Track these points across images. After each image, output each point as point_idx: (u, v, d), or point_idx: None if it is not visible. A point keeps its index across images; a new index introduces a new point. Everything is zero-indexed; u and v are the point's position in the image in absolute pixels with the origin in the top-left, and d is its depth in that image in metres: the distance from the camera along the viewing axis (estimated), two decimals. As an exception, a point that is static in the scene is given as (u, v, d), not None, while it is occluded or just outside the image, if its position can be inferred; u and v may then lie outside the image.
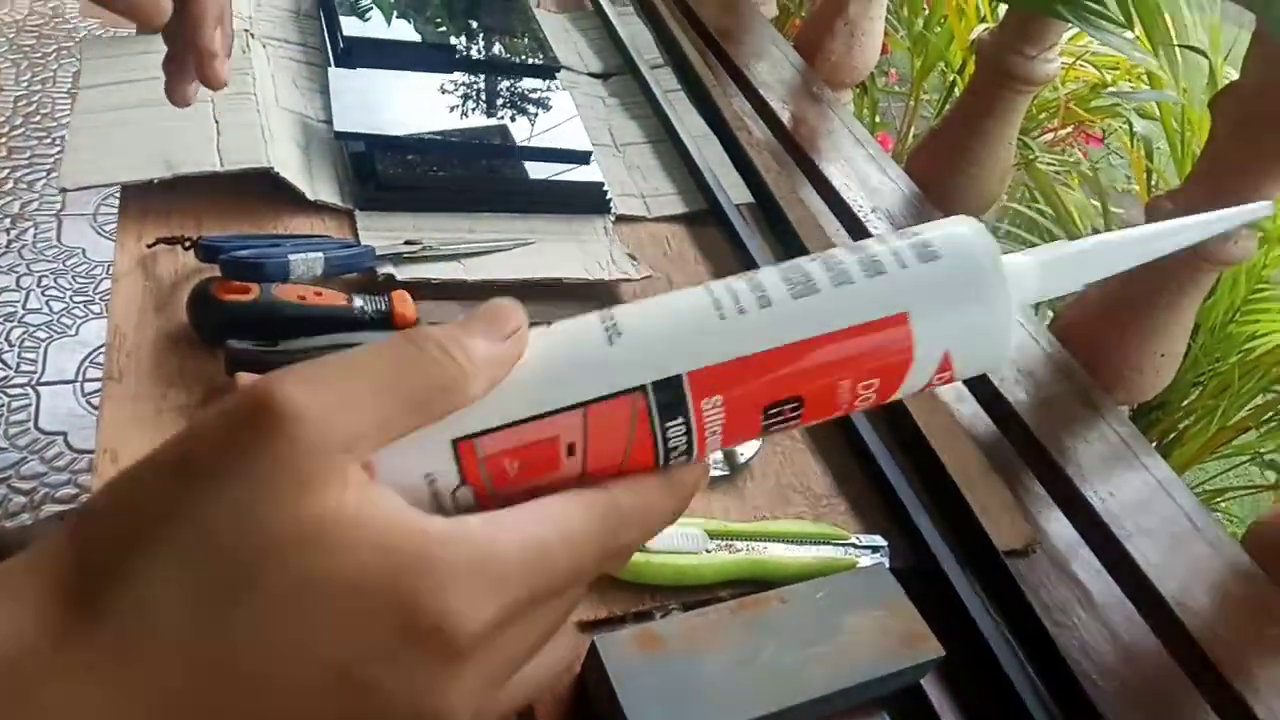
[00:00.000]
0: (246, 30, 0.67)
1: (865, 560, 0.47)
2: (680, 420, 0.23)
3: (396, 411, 0.21)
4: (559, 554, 0.22)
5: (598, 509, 0.23)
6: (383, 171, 0.59)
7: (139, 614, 0.20)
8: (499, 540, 0.21)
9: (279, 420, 0.20)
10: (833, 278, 0.23)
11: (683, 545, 0.45)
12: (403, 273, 0.54)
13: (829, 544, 0.47)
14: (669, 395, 0.22)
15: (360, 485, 0.21)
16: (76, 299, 1.36)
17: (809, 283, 0.23)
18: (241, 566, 0.20)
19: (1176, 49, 0.87)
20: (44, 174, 1.45)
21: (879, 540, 0.48)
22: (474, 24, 0.78)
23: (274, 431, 0.20)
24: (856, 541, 0.48)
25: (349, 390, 0.21)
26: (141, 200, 0.54)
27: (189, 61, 0.47)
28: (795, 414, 0.24)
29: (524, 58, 0.75)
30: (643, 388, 0.22)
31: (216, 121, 0.57)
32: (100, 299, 1.34)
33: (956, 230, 0.24)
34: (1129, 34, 0.81)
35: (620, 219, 0.66)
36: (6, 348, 1.28)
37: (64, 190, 0.50)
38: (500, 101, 0.70)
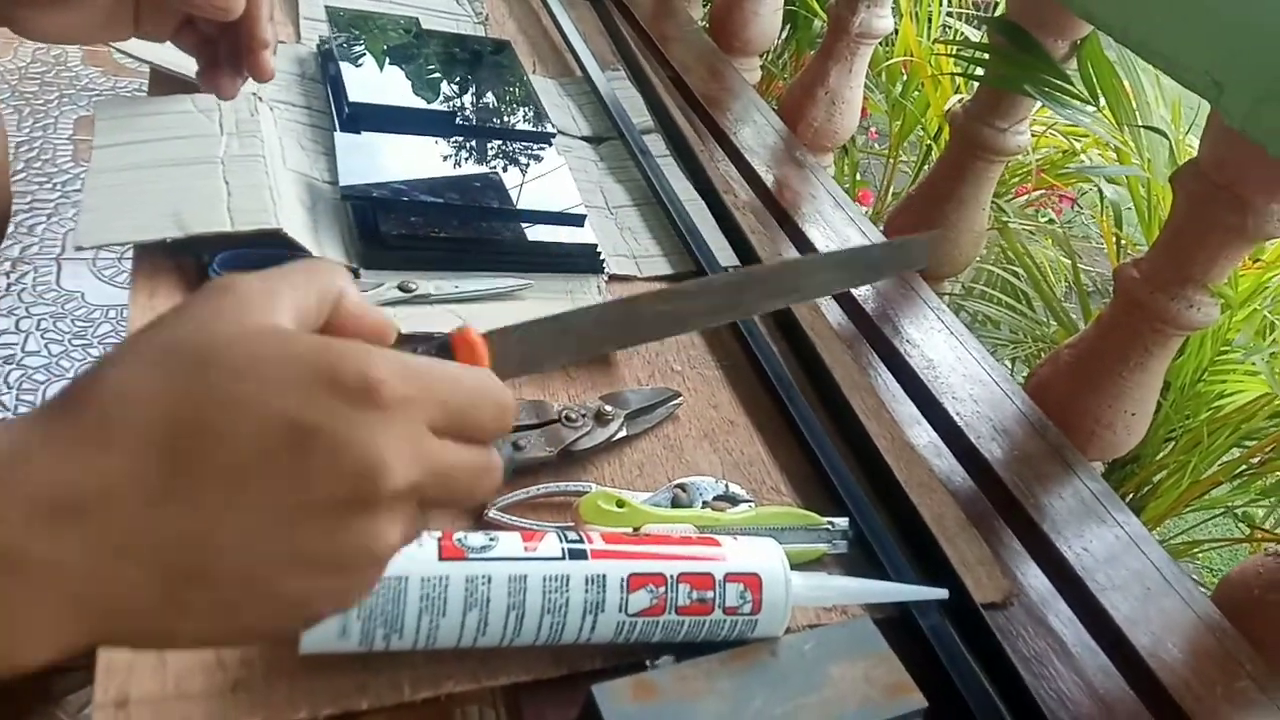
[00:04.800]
0: (254, 94, 0.69)
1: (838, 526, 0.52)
2: None
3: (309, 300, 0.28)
4: (454, 376, 0.28)
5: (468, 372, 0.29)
6: (386, 232, 0.61)
7: (117, 395, 0.24)
8: (414, 358, 0.28)
9: (229, 281, 0.27)
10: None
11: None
12: (406, 325, 0.56)
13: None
14: None
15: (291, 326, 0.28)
16: (75, 342, 1.38)
17: None
18: (202, 349, 0.25)
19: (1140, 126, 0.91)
20: (44, 219, 1.46)
21: (844, 522, 0.52)
22: (472, 87, 0.81)
23: (225, 287, 0.27)
24: (830, 527, 0.51)
25: (279, 277, 0.28)
26: (153, 258, 0.55)
27: (232, 60, 0.54)
28: None
29: (521, 123, 0.78)
30: None
31: (227, 183, 0.60)
32: (99, 342, 1.36)
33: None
34: (1089, 108, 0.85)
35: (613, 278, 0.69)
36: (5, 390, 1.29)
37: (80, 248, 0.52)
38: (498, 164, 0.72)
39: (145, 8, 0.51)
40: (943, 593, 0.49)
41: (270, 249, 0.56)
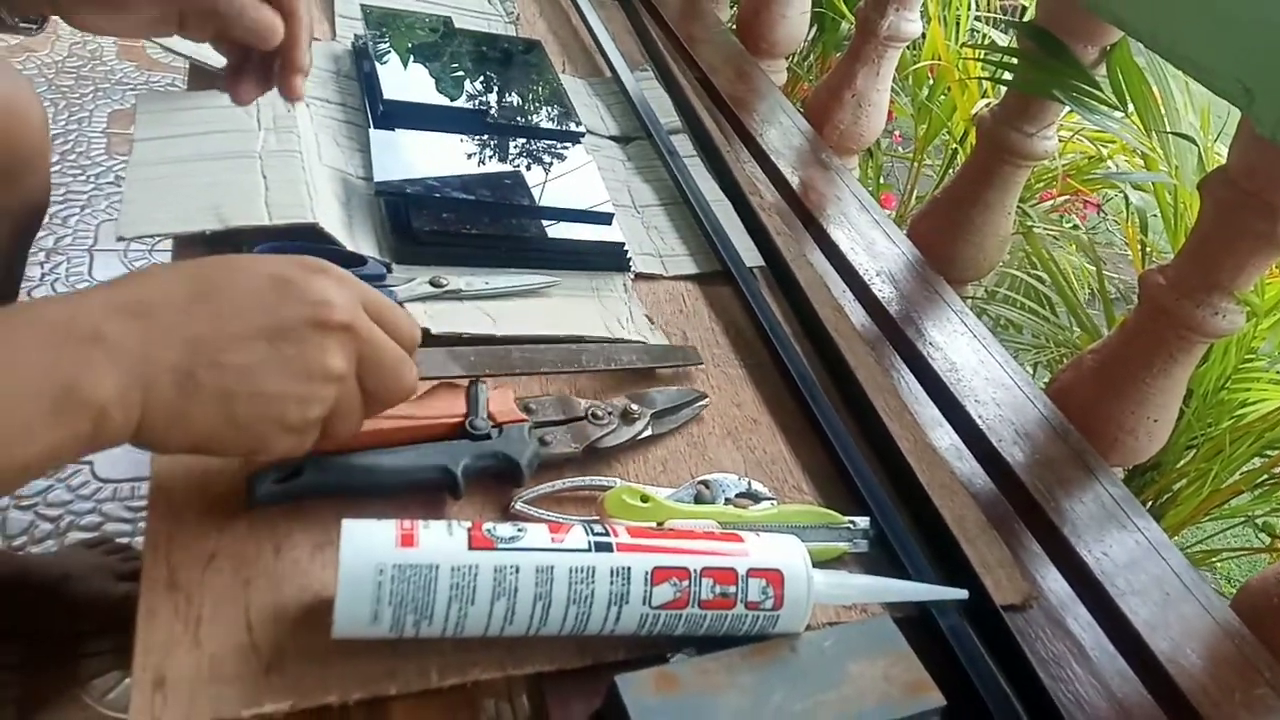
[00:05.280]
0: (291, 90, 0.70)
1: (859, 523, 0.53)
2: None
3: None
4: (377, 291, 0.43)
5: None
6: (418, 228, 0.62)
7: (161, 266, 0.40)
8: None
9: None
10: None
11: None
12: (436, 321, 0.57)
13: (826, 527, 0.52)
14: None
15: None
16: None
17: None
18: (216, 258, 0.41)
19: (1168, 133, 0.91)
20: (78, 209, 1.49)
21: (865, 522, 0.53)
22: (503, 86, 0.82)
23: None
24: (851, 526, 0.52)
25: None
26: (192, 250, 0.57)
27: (260, 73, 0.59)
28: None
29: (550, 122, 0.79)
30: None
31: (264, 177, 0.61)
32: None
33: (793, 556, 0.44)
34: (1118, 114, 0.85)
35: (639, 276, 0.69)
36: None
37: (121, 239, 0.54)
38: (527, 163, 0.73)
39: (191, 17, 0.53)
40: (962, 593, 0.49)
41: (306, 242, 0.57)
